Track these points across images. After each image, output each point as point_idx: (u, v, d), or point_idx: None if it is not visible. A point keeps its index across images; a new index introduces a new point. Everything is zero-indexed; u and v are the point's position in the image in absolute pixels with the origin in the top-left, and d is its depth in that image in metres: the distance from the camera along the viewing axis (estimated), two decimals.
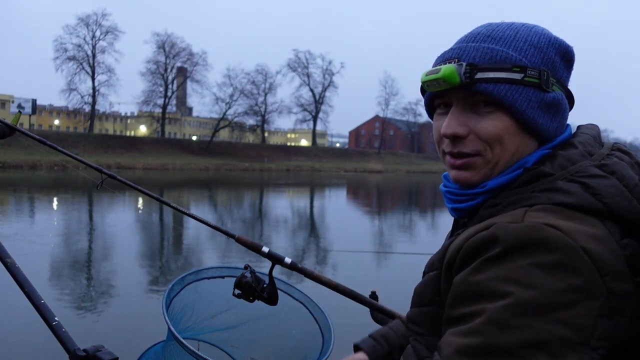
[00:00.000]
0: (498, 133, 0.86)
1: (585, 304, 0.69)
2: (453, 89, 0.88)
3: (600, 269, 0.71)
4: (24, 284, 1.04)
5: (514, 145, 0.87)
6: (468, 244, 0.79)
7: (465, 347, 0.71)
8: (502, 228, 0.76)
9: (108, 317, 6.34)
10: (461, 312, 0.75)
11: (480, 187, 0.90)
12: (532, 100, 0.86)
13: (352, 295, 1.65)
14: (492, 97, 0.85)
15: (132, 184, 1.94)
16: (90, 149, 52.39)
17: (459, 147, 0.89)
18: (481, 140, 0.87)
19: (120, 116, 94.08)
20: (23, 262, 1.10)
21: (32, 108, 60.86)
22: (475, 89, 0.86)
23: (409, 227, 16.77)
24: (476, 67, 0.86)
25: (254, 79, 73.65)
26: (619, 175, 0.81)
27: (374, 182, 45.74)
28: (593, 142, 0.90)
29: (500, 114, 0.86)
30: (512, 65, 0.86)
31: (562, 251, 0.71)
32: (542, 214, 0.77)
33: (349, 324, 4.97)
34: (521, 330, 0.69)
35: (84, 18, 62.85)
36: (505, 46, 0.88)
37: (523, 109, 0.85)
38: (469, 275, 0.76)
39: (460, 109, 0.89)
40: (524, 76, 0.86)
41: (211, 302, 1.71)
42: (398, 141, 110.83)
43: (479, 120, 0.88)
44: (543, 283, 0.70)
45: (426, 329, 0.90)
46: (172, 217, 15.14)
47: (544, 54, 0.88)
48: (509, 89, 0.85)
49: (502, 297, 0.71)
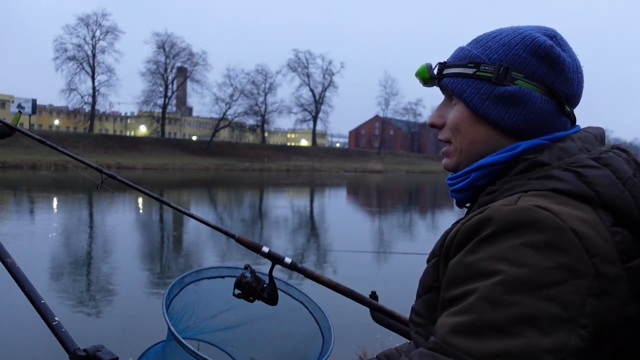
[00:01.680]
0: (455, 122, 0.97)
1: (573, 282, 0.71)
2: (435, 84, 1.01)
3: (588, 250, 0.73)
4: (24, 284, 1.04)
5: (471, 134, 0.95)
6: (464, 227, 0.82)
7: (458, 325, 0.73)
8: (495, 210, 0.80)
9: (108, 317, 6.35)
10: (455, 292, 0.78)
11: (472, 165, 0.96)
12: (481, 92, 0.93)
13: (352, 295, 1.65)
14: (448, 89, 0.97)
15: (132, 184, 1.93)
16: (90, 149, 52.38)
17: (440, 135, 1.02)
18: (449, 130, 0.99)
19: (120, 116, 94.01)
20: (23, 262, 1.10)
21: (32, 108, 60.83)
22: (441, 83, 0.99)
23: (409, 227, 16.77)
24: (445, 64, 0.99)
25: (254, 79, 73.64)
26: (612, 167, 0.83)
27: (374, 182, 45.73)
28: (593, 140, 0.92)
29: (460, 106, 0.96)
30: (468, 61, 0.95)
31: (551, 231, 0.74)
32: (535, 198, 0.80)
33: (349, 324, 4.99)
34: (512, 306, 0.71)
35: (84, 18, 62.79)
36: (476, 46, 0.97)
37: (470, 99, 0.94)
38: (464, 256, 0.79)
39: (444, 103, 1.02)
40: (476, 71, 0.94)
41: (211, 302, 1.71)
42: (398, 141, 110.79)
43: (450, 112, 0.99)
44: (533, 261, 0.73)
45: (426, 319, 0.91)
46: (172, 217, 15.15)
47: (509, 50, 0.93)
48: (460, 82, 0.95)
49: (494, 275, 0.73)
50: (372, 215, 20.48)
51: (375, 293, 1.75)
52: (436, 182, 48.09)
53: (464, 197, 0.99)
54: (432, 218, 20.13)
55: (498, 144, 0.94)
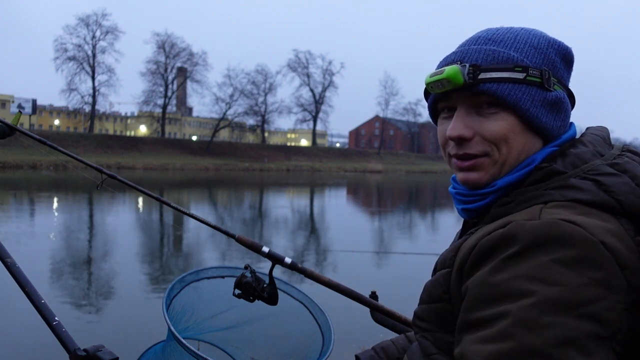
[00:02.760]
0: (504, 133, 0.87)
1: (609, 298, 0.69)
2: (457, 90, 0.89)
3: (620, 263, 0.71)
4: (25, 284, 1.04)
5: (520, 144, 0.88)
6: (483, 243, 0.79)
7: (496, 353, 0.69)
8: (519, 225, 0.76)
9: (108, 317, 6.34)
10: (482, 315, 0.73)
11: (490, 187, 0.90)
12: (535, 99, 0.87)
13: (352, 295, 1.65)
14: (495, 96, 0.86)
15: (132, 184, 1.93)
16: (90, 149, 52.36)
17: (465, 149, 0.90)
18: (487, 141, 0.88)
19: (120, 116, 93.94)
20: (23, 262, 1.10)
21: (32, 108, 60.81)
22: (479, 89, 0.87)
23: (409, 227, 16.76)
24: (479, 67, 0.87)
25: (254, 79, 73.57)
26: (631, 174, 0.82)
27: (374, 182, 45.73)
28: (602, 143, 0.91)
29: (505, 114, 0.87)
30: (514, 65, 0.87)
31: (581, 246, 0.71)
32: (559, 210, 0.77)
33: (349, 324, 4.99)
34: (551, 328, 0.67)
35: (84, 18, 62.73)
36: (506, 48, 0.89)
37: (527, 108, 0.87)
38: (489, 275, 0.75)
39: (465, 112, 0.90)
40: (527, 75, 0.87)
41: (211, 302, 1.71)
42: (398, 141, 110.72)
43: (483, 122, 0.89)
44: (566, 279, 0.70)
45: (434, 326, 0.89)
46: (172, 217, 15.14)
47: (544, 55, 0.90)
48: (512, 88, 0.86)
49: (527, 296, 0.70)
50: (372, 215, 20.47)
51: (375, 293, 1.75)
52: (436, 182, 48.08)
53: (474, 215, 0.95)
54: (432, 218, 20.12)
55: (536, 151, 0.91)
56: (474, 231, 0.87)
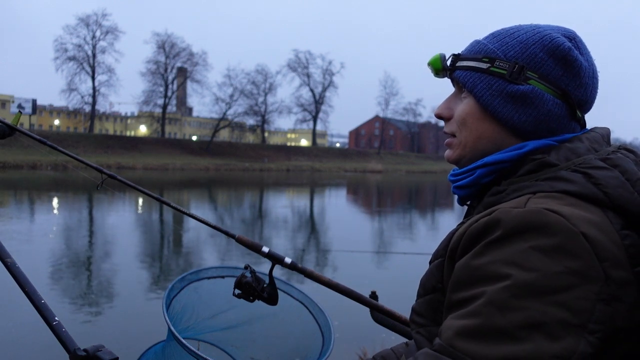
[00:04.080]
0: (463, 116, 0.95)
1: (583, 287, 0.70)
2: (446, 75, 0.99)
3: (599, 254, 0.72)
4: (25, 284, 1.04)
5: (478, 129, 0.94)
6: (471, 229, 0.81)
7: (464, 328, 0.72)
8: (504, 212, 0.78)
9: (108, 317, 6.35)
10: (462, 295, 0.77)
11: (478, 162, 0.94)
12: (493, 88, 0.91)
13: (352, 295, 1.65)
14: (459, 81, 0.95)
15: (132, 184, 1.93)
16: (90, 149, 52.34)
17: (445, 127, 1.01)
18: (456, 123, 0.97)
19: (120, 116, 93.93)
20: (23, 262, 1.10)
21: (32, 108, 60.80)
22: (453, 75, 0.97)
23: (408, 227, 16.76)
24: (459, 56, 0.97)
25: (254, 79, 73.49)
26: (621, 168, 0.82)
27: (374, 182, 45.73)
28: (601, 140, 0.91)
29: (470, 99, 0.94)
30: (483, 55, 0.93)
31: (561, 235, 0.73)
32: (545, 200, 0.79)
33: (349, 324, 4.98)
34: (520, 311, 0.70)
35: (84, 18, 62.65)
36: (492, 41, 0.95)
37: (481, 94, 0.92)
38: (471, 259, 0.78)
39: (453, 95, 1.00)
40: (490, 66, 0.92)
41: (211, 302, 1.71)
42: (398, 141, 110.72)
43: (458, 104, 0.98)
44: (542, 266, 0.71)
45: (428, 319, 0.90)
46: (172, 217, 15.14)
47: (527, 49, 0.91)
48: (472, 75, 0.93)
49: (502, 279, 0.72)
50: (372, 215, 20.47)
51: (375, 293, 1.75)
52: (436, 182, 48.08)
53: (467, 194, 0.98)
54: (432, 218, 20.12)
55: (503, 142, 0.93)
56: (465, 220, 0.89)
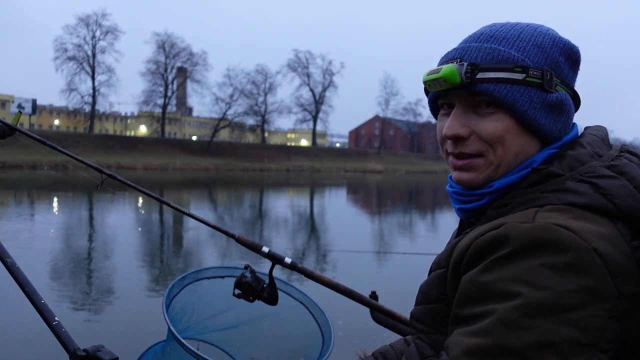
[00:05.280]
0: (500, 134, 0.86)
1: (595, 305, 0.69)
2: (455, 89, 0.88)
3: (611, 270, 0.70)
4: (25, 284, 1.04)
5: (517, 146, 0.87)
6: (477, 243, 0.79)
7: (473, 347, 0.70)
8: (513, 228, 0.76)
9: (108, 317, 6.35)
10: (470, 312, 0.75)
11: (487, 188, 0.89)
12: (534, 100, 0.85)
13: (352, 295, 1.65)
14: (492, 97, 0.85)
15: (132, 184, 1.93)
16: (90, 149, 52.33)
17: (461, 147, 0.89)
18: (483, 141, 0.87)
19: (120, 116, 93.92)
20: (23, 262, 1.10)
21: (32, 108, 60.83)
22: (476, 89, 0.86)
23: (408, 227, 16.76)
24: (477, 67, 0.86)
25: (254, 79, 73.59)
26: (629, 176, 0.80)
27: (374, 182, 45.73)
28: (601, 143, 0.90)
29: (502, 115, 0.86)
30: (514, 65, 0.85)
31: (573, 252, 0.71)
32: (553, 214, 0.76)
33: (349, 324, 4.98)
34: (531, 331, 0.68)
35: (84, 18, 62.75)
36: (507, 46, 0.87)
37: (524, 110, 0.85)
38: (479, 274, 0.75)
39: (462, 110, 0.89)
40: (526, 76, 0.85)
41: (211, 302, 1.71)
42: (398, 141, 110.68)
43: (480, 121, 0.87)
44: (553, 284, 0.69)
45: (430, 327, 0.89)
46: (172, 217, 15.14)
47: (548, 54, 0.87)
48: (510, 89, 0.85)
49: (512, 298, 0.70)
50: (372, 215, 20.47)
51: (375, 293, 1.75)
52: (436, 182, 48.08)
53: (470, 216, 0.94)
54: (432, 218, 20.12)
55: (534, 152, 0.89)
56: (469, 231, 0.87)
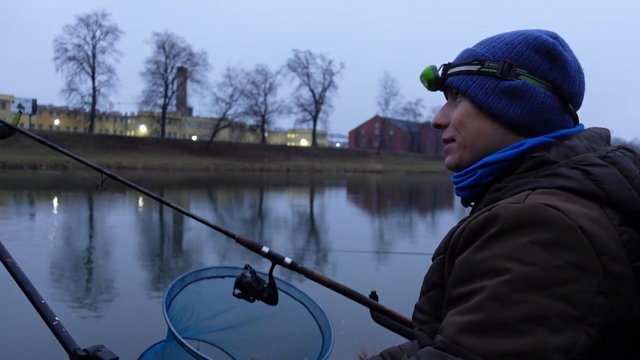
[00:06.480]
0: (460, 118, 0.98)
1: (583, 280, 0.72)
2: (439, 85, 1.03)
3: (596, 248, 0.73)
4: (25, 284, 1.04)
5: (475, 128, 0.96)
6: (470, 225, 0.82)
7: (466, 324, 0.73)
8: (503, 207, 0.80)
9: (108, 317, 6.35)
10: (462, 291, 0.78)
11: (477, 162, 0.96)
12: (486, 87, 0.95)
13: (352, 295, 1.65)
14: (453, 86, 0.99)
15: (132, 184, 1.93)
16: (90, 149, 52.33)
17: (443, 135, 1.04)
18: (453, 127, 1.00)
19: (120, 116, 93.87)
20: (23, 262, 1.10)
21: (32, 108, 60.85)
22: (447, 83, 1.00)
23: (409, 227, 16.76)
24: (449, 65, 1.01)
25: (254, 79, 73.49)
26: (619, 166, 0.84)
27: (374, 182, 45.74)
28: (599, 140, 0.93)
29: (464, 102, 0.98)
30: (473, 59, 0.97)
31: (560, 229, 0.74)
32: (544, 196, 0.80)
33: (349, 324, 4.99)
34: (521, 305, 0.71)
35: (84, 18, 62.65)
36: (480, 46, 0.99)
37: (475, 94, 0.95)
38: (471, 254, 0.79)
39: (448, 103, 1.04)
40: (481, 67, 0.96)
41: (211, 302, 1.72)
42: (398, 141, 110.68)
43: (454, 110, 1.01)
44: (541, 260, 0.73)
45: (430, 316, 0.92)
46: (172, 217, 15.15)
47: (513, 48, 0.95)
48: (464, 78, 0.97)
49: (502, 274, 0.73)
50: (372, 215, 20.48)
51: (375, 293, 1.75)
52: (436, 182, 48.09)
53: (469, 195, 1.00)
54: (432, 218, 20.13)
55: (502, 139, 0.95)
56: (466, 218, 0.90)
